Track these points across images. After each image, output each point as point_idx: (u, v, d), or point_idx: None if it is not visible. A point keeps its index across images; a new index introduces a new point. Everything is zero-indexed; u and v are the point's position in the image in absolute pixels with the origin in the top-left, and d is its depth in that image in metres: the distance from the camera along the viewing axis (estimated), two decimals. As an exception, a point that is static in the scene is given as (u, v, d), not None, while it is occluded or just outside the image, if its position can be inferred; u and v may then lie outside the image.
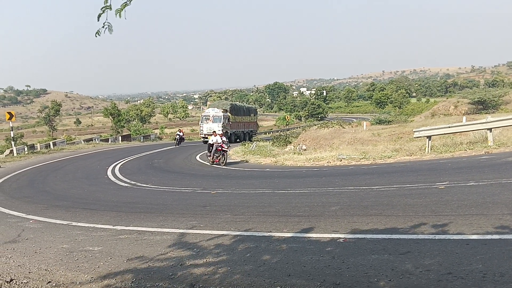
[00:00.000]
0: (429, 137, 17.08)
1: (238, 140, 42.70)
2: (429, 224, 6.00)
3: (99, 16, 3.91)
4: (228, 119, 40.68)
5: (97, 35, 4.04)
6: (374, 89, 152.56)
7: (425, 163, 14.45)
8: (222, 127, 37.82)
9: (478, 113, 37.15)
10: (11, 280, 5.25)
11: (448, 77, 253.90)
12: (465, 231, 5.50)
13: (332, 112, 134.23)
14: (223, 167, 19.38)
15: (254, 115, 51.43)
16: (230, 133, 40.69)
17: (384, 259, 4.74)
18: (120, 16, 3.81)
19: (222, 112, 39.76)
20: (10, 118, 29.05)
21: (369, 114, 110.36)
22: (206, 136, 38.60)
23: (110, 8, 3.86)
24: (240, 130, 45.04)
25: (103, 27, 3.99)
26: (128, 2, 3.78)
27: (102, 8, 3.86)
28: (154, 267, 5.27)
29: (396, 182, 10.43)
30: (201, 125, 39.77)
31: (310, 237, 6.03)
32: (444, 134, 18.12)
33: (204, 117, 40.02)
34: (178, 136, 38.28)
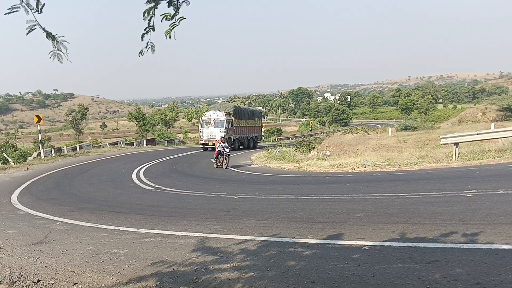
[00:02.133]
0: (456, 144, 16.78)
1: (242, 147, 39.27)
2: (457, 233, 5.87)
3: (142, 36, 3.96)
4: (232, 123, 36.17)
5: (140, 55, 4.09)
6: (399, 95, 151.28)
7: (452, 170, 14.19)
8: (224, 132, 33.34)
9: (506, 120, 36.43)
10: (38, 281, 5.34)
11: (475, 83, 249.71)
12: (494, 241, 5.37)
13: (356, 117, 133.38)
14: (246, 172, 19.39)
15: (259, 119, 46.54)
16: (234, 139, 36.45)
17: (410, 268, 4.66)
18: (169, 37, 3.84)
19: (225, 115, 35.44)
20: (38, 122, 29.67)
21: (394, 120, 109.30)
22: (207, 142, 34.38)
23: (154, 29, 3.92)
24: (244, 136, 40.45)
25: (146, 47, 4.04)
26: (177, 23, 3.81)
27: (146, 28, 3.91)
28: (178, 271, 5.29)
29: (422, 190, 10.27)
30: (201, 130, 35.11)
31: (334, 243, 5.97)
32: (472, 141, 17.77)
33: (204, 121, 35.42)
34: (227, 149, 21.13)
